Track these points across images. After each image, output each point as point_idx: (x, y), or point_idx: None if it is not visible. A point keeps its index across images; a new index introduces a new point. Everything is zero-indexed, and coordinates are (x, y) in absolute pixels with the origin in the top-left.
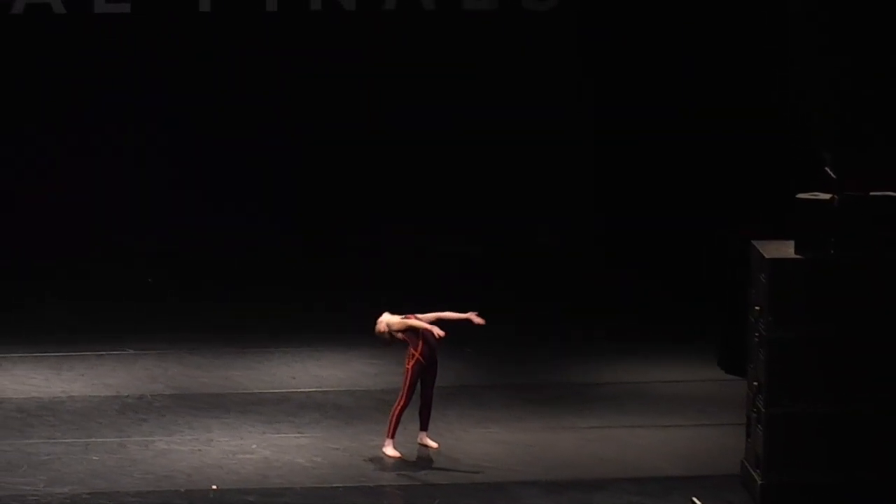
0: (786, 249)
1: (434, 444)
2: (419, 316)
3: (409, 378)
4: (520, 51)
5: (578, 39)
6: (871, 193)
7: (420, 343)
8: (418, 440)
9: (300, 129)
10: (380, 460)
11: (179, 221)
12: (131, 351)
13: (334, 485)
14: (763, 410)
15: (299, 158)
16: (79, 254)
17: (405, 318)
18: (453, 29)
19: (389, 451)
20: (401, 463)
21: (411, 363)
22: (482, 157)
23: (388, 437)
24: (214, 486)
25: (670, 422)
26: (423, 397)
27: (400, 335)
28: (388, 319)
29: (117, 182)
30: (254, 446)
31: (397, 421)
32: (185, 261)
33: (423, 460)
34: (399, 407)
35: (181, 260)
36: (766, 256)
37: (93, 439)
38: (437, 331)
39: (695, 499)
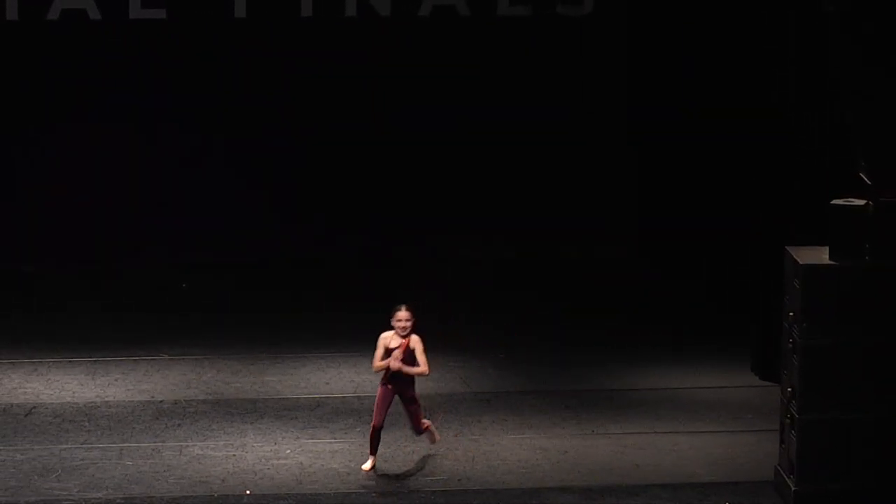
0: (820, 255)
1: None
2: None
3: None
4: (555, 56)
5: (614, 44)
6: None
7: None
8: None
9: (341, 133)
10: (416, 466)
11: (217, 228)
12: (166, 356)
13: (369, 490)
14: (797, 416)
15: (337, 163)
16: (114, 260)
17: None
18: (488, 34)
19: (366, 465)
20: (437, 469)
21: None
22: (518, 160)
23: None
24: (248, 492)
25: (705, 428)
26: (406, 414)
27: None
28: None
29: (152, 188)
30: (288, 452)
31: (371, 439)
32: (222, 268)
33: (460, 466)
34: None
35: (219, 267)
36: (801, 262)
37: (127, 444)
38: (392, 363)
39: None
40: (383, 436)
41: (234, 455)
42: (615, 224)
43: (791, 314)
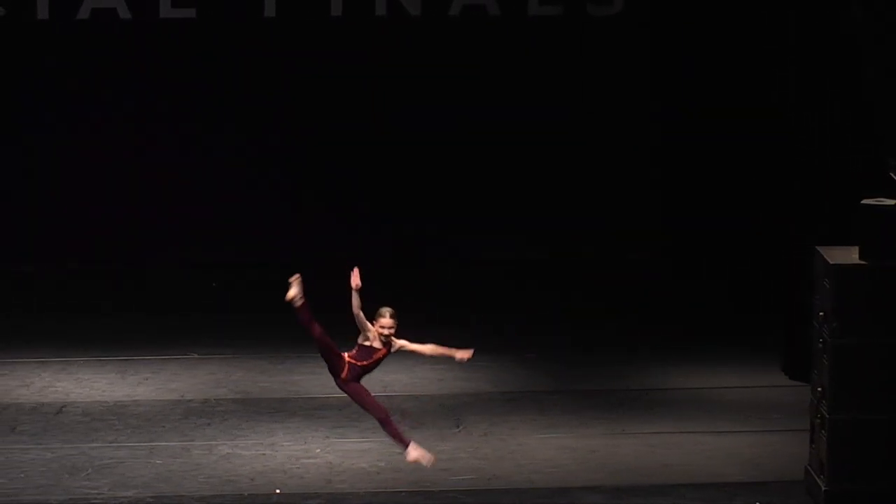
0: (850, 255)
1: (418, 458)
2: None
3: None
4: (584, 55)
5: (645, 44)
6: None
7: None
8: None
9: (367, 133)
10: (444, 465)
11: (246, 228)
12: (195, 355)
13: (398, 490)
14: (827, 416)
15: (364, 164)
16: (142, 259)
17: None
18: (519, 34)
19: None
20: (465, 468)
21: None
22: (543, 159)
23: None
24: (278, 491)
25: (734, 428)
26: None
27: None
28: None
29: (180, 187)
30: (317, 451)
31: (393, 433)
32: (250, 268)
33: (488, 466)
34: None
35: (246, 267)
36: (831, 262)
37: (157, 443)
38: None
39: None
40: (413, 435)
41: (264, 454)
42: (638, 225)
43: (821, 314)
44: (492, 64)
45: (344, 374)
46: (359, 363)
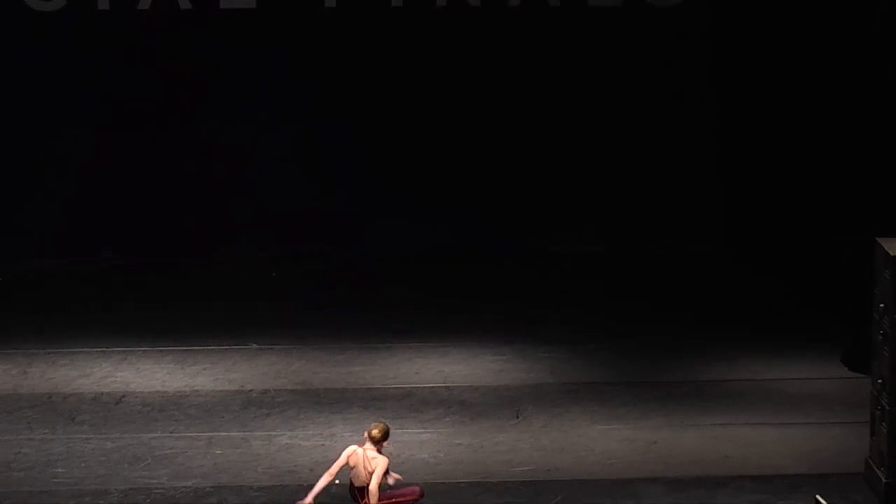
0: None
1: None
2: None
3: None
4: (645, 48)
5: (705, 35)
6: None
7: None
8: None
9: (429, 127)
10: (504, 456)
11: (308, 219)
12: (255, 346)
13: (457, 481)
14: (888, 408)
15: (427, 157)
16: (203, 250)
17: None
18: (578, 25)
19: None
20: (524, 459)
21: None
22: (603, 153)
23: None
24: (337, 482)
25: (794, 419)
26: None
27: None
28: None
29: (241, 179)
30: None
31: None
32: (311, 259)
33: (548, 457)
34: None
35: (307, 258)
36: (891, 254)
37: (216, 434)
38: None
39: (818, 497)
40: (473, 426)
41: (323, 445)
42: (699, 219)
43: (881, 305)
44: (551, 56)
45: None
46: None
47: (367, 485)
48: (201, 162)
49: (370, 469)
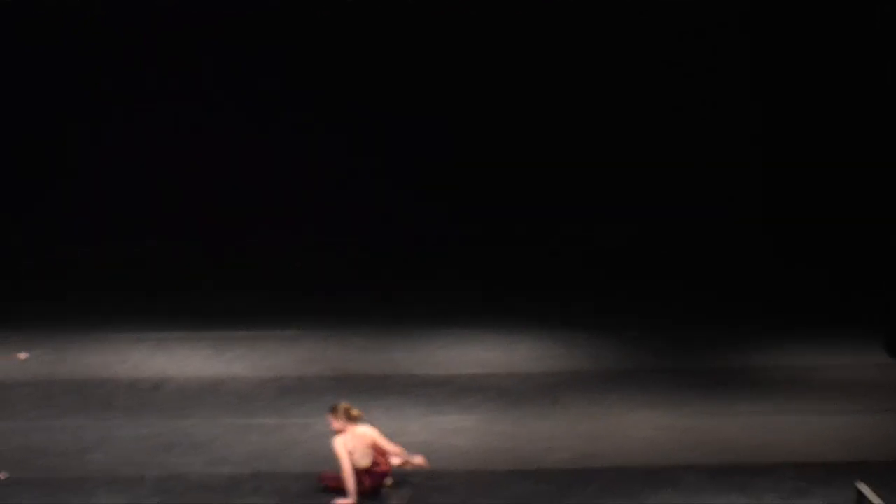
0: None
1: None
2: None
3: None
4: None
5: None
6: None
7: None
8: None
9: (464, 114)
10: (541, 444)
11: (348, 207)
12: (292, 332)
13: (496, 468)
14: None
15: (471, 148)
16: (241, 237)
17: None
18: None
19: None
20: (563, 446)
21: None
22: (643, 138)
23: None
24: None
25: (834, 407)
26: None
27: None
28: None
29: (279, 168)
30: (415, 428)
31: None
32: (349, 246)
33: (586, 444)
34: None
35: (345, 246)
36: None
37: (252, 420)
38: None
39: (859, 485)
40: (511, 414)
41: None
42: (740, 206)
43: None
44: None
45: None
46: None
47: (375, 458)
48: (242, 150)
49: (369, 443)
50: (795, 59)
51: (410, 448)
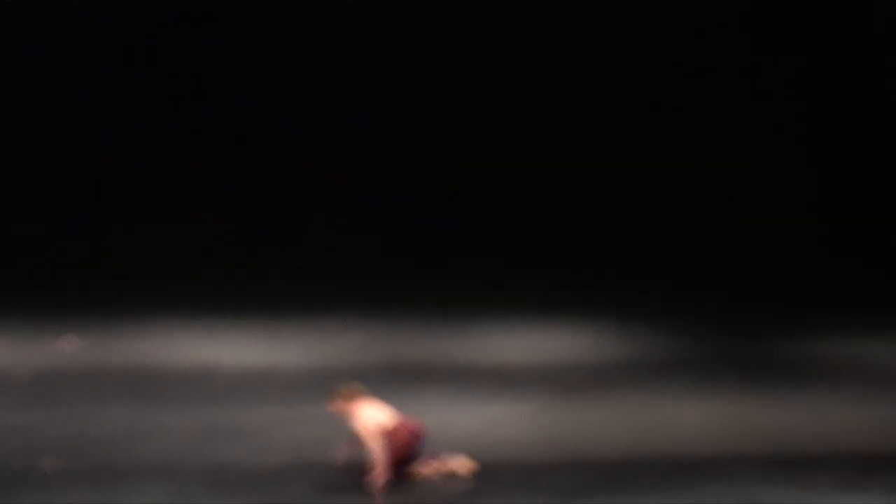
0: None
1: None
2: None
3: None
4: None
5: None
6: None
7: None
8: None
9: (518, 99)
10: (592, 434)
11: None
12: (342, 320)
13: (545, 458)
14: None
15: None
16: (289, 225)
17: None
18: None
19: None
20: (614, 437)
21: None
22: (696, 127)
23: None
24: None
25: (889, 397)
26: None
27: None
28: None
29: (328, 154)
30: (466, 417)
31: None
32: (406, 235)
33: (638, 434)
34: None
35: (401, 232)
36: None
37: (301, 409)
38: None
39: None
40: (564, 403)
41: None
42: (795, 194)
43: None
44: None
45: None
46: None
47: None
48: (292, 135)
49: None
50: (850, 45)
51: (460, 435)
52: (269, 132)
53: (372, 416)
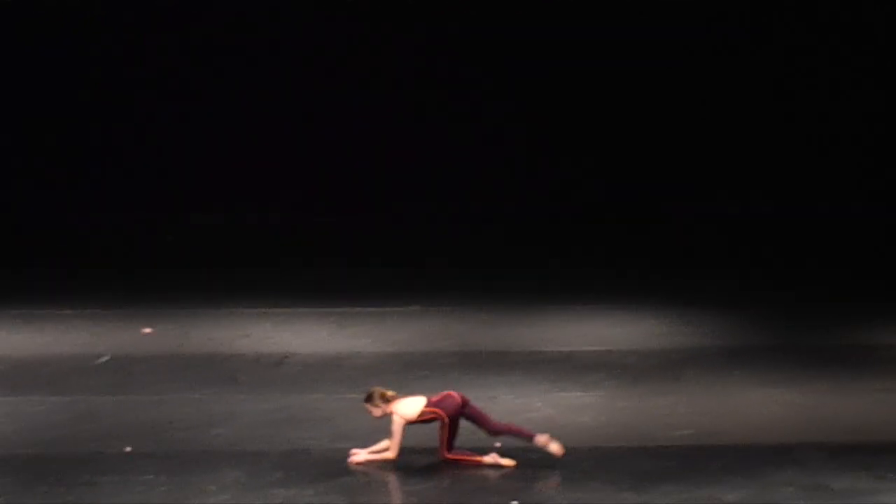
0: None
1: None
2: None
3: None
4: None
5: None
6: None
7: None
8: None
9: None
10: (665, 420)
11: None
12: (417, 308)
13: (618, 444)
14: None
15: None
16: (366, 211)
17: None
18: None
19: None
20: (685, 423)
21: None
22: (771, 116)
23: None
24: (498, 444)
25: None
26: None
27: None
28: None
29: (408, 140)
30: (538, 404)
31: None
32: (480, 220)
33: (708, 421)
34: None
35: (476, 219)
36: None
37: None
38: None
39: None
40: (634, 390)
41: (484, 407)
42: (869, 181)
43: None
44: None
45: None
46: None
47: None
48: (371, 121)
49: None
50: None
51: (532, 422)
52: (349, 123)
53: (411, 407)
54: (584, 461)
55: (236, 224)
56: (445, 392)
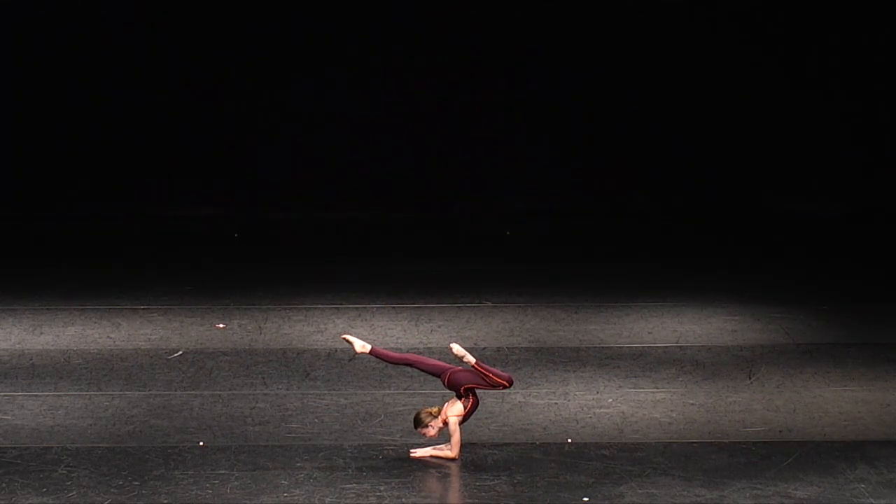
0: None
1: None
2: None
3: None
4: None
5: None
6: None
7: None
8: None
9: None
10: (737, 416)
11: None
12: (489, 303)
13: (690, 440)
14: None
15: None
16: (437, 206)
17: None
18: None
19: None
20: (758, 419)
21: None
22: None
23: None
24: (570, 440)
25: None
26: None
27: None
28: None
29: (473, 137)
30: (610, 401)
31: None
32: (551, 216)
33: (781, 418)
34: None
35: (548, 216)
36: None
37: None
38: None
39: None
40: (707, 386)
41: (556, 403)
42: None
43: None
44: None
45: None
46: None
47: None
48: (437, 118)
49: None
50: None
51: (604, 418)
52: (415, 115)
53: (455, 405)
54: (656, 457)
55: (312, 219)
56: (448, 372)
